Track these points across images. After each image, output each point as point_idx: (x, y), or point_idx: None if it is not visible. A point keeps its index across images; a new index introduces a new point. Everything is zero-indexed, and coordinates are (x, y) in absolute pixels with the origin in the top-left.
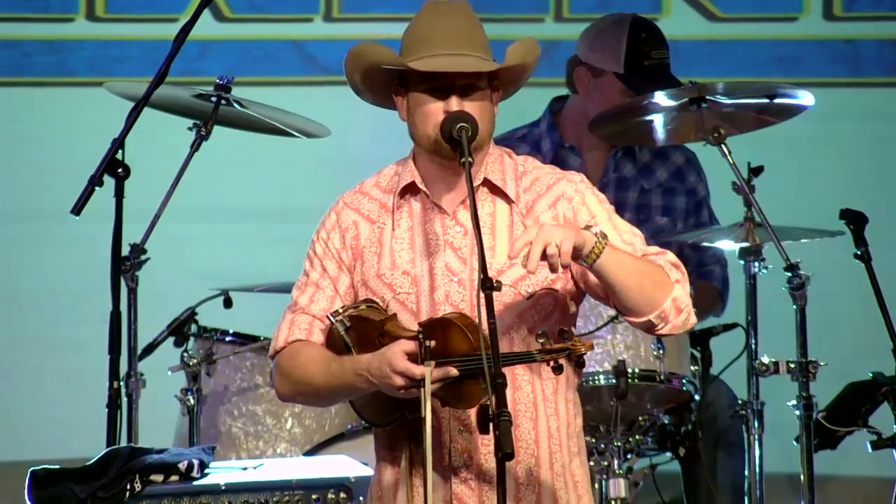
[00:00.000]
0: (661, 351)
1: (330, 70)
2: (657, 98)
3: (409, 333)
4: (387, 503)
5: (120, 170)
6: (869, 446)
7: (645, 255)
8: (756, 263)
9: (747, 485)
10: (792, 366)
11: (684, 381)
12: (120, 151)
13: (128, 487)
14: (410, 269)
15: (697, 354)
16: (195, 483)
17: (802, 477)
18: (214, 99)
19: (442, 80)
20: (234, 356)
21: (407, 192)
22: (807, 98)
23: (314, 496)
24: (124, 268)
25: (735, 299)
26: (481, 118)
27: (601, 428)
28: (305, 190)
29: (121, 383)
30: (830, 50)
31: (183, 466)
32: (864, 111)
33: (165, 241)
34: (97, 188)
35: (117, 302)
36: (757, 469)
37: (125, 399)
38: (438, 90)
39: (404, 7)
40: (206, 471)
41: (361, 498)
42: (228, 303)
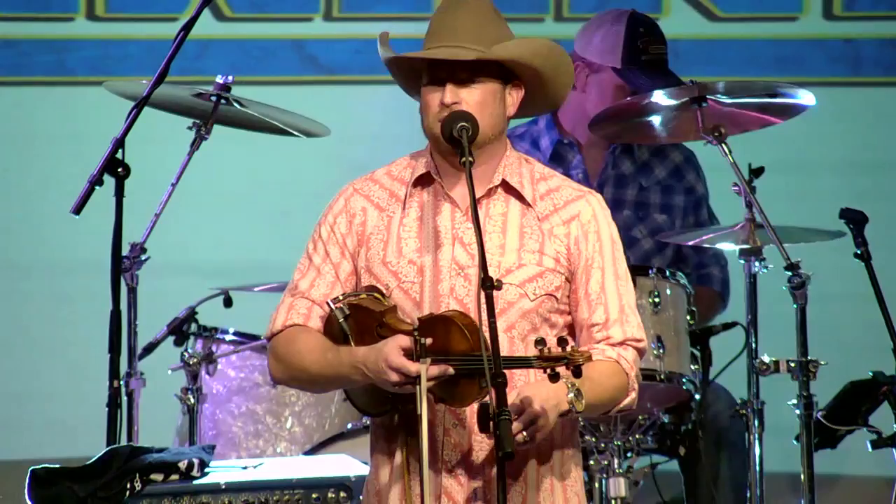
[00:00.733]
0: (662, 350)
1: (330, 70)
2: (657, 97)
3: (408, 327)
4: (383, 497)
5: (120, 169)
6: (869, 445)
7: (625, 341)
8: (756, 263)
9: (747, 484)
10: (792, 365)
11: (684, 381)
12: (120, 151)
13: (128, 487)
14: (417, 259)
15: (697, 354)
16: (195, 482)
17: (802, 476)
18: (214, 98)
19: (439, 72)
20: (235, 355)
21: (420, 183)
22: (807, 98)
23: (314, 495)
24: (124, 267)
25: (735, 299)
26: (481, 111)
27: (601, 427)
28: (305, 189)
29: (121, 382)
30: (830, 50)
31: (183, 465)
32: (864, 111)
33: (165, 241)
34: (97, 187)
35: (117, 301)
36: (757, 468)
37: (125, 398)
38: (437, 81)
39: (404, 6)
40: (206, 470)
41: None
42: (228, 302)
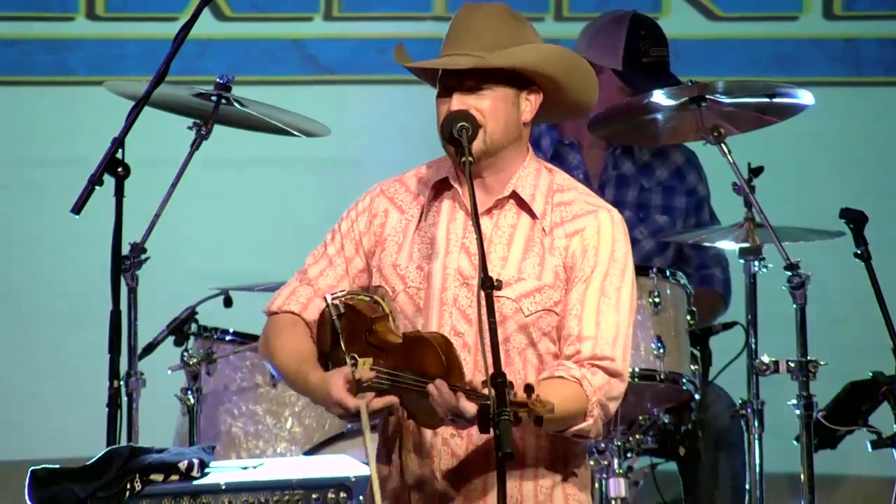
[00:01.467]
0: (662, 350)
1: (330, 69)
2: (657, 97)
3: (396, 338)
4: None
5: (120, 169)
6: (869, 446)
7: (593, 357)
8: (756, 263)
9: (747, 484)
10: (792, 365)
11: (684, 381)
12: (120, 150)
13: (128, 487)
14: (425, 265)
15: (697, 353)
16: (195, 483)
17: (802, 477)
18: (214, 98)
19: (448, 81)
20: (235, 355)
21: (442, 188)
22: (807, 97)
23: (314, 496)
24: (124, 267)
25: (735, 298)
26: (490, 118)
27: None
28: (305, 189)
29: (121, 383)
30: (830, 49)
31: (183, 466)
32: (864, 111)
33: (165, 241)
34: (97, 187)
35: (117, 301)
36: (757, 469)
37: (125, 398)
38: (447, 90)
39: (404, 6)
40: (206, 470)
41: (361, 497)
42: (228, 302)
